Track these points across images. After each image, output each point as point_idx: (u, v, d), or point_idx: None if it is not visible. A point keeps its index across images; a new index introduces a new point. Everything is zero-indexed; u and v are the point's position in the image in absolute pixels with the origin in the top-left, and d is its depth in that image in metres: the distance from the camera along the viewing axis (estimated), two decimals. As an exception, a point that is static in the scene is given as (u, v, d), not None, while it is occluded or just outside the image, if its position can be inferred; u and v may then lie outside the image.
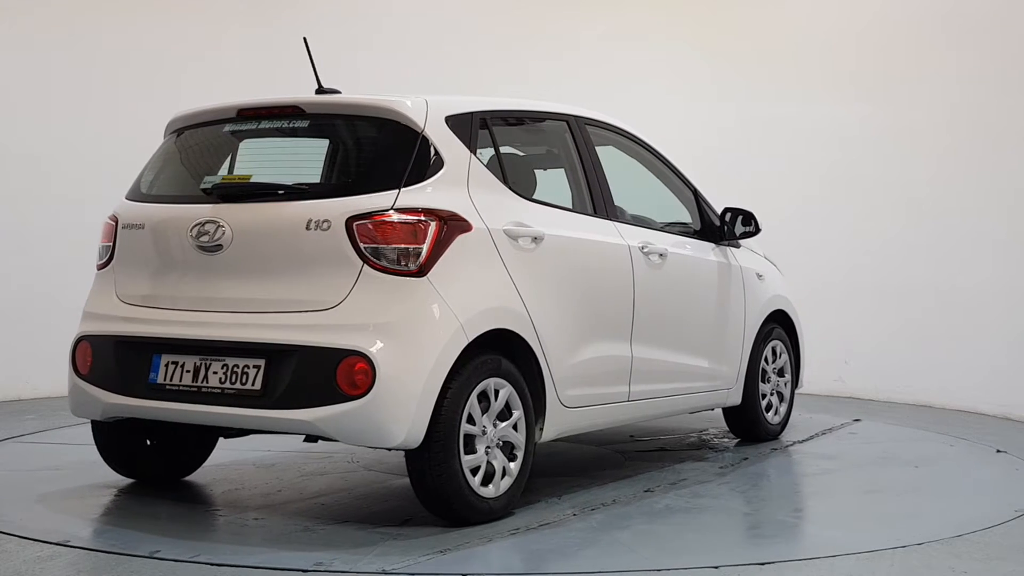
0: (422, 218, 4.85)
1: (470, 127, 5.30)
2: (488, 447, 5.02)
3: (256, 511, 5.29)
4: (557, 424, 5.47)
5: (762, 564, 4.49)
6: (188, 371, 5.04)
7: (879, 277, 9.33)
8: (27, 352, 8.20)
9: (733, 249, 6.92)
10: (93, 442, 5.68)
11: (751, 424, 7.12)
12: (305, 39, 5.49)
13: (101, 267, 5.49)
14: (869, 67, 9.61)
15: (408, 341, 4.75)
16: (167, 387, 5.07)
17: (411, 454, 4.86)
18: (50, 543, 4.61)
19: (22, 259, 8.79)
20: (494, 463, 5.05)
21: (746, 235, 6.80)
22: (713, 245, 6.75)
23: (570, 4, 10.49)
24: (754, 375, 6.99)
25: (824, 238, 9.30)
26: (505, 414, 5.13)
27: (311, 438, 5.00)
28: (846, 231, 9.52)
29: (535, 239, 5.33)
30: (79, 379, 5.35)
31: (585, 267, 5.64)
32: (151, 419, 5.21)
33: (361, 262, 4.80)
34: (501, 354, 5.13)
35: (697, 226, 6.75)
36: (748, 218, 6.75)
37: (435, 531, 4.86)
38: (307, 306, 4.87)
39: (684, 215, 6.79)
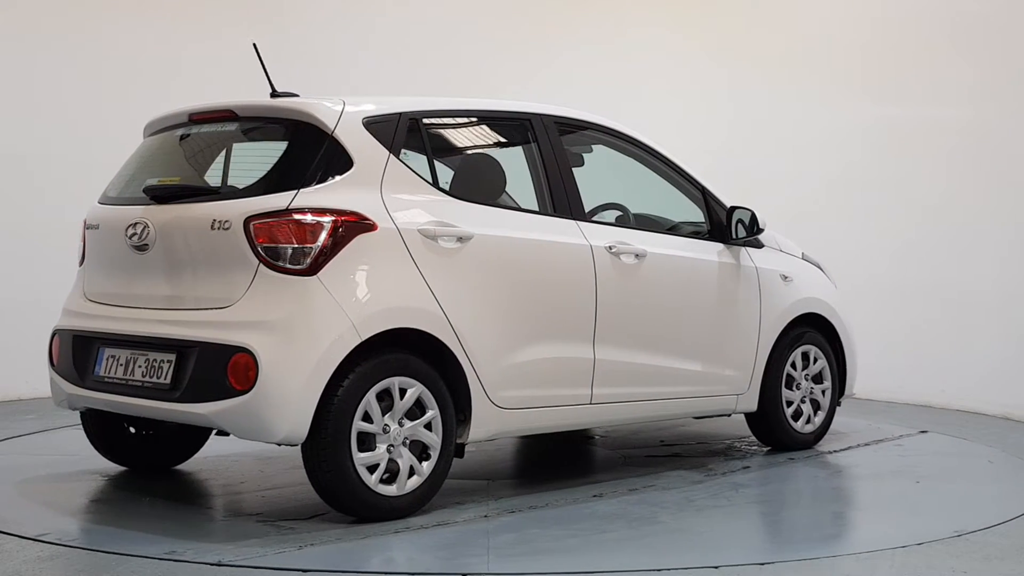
0: (315, 218, 4.93)
1: (394, 128, 5.33)
2: (391, 446, 5.04)
3: (190, 500, 5.49)
4: (489, 425, 5.42)
5: (762, 564, 4.44)
6: (121, 364, 5.30)
7: (880, 277, 9.09)
8: (26, 352, 7.83)
9: (751, 249, 6.64)
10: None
11: (774, 432, 6.80)
12: (255, 44, 5.64)
13: (80, 265, 5.84)
14: (876, 69, 9.56)
15: (293, 339, 4.84)
16: (106, 379, 5.35)
17: (304, 450, 4.95)
18: (50, 543, 4.65)
19: (21, 259, 8.81)
20: (399, 462, 5.07)
21: (752, 234, 6.51)
22: (722, 246, 6.50)
23: (573, 5, 10.57)
24: (775, 381, 6.69)
25: (826, 239, 8.99)
26: (417, 413, 5.14)
27: (223, 432, 5.15)
28: (848, 232, 9.31)
29: (460, 239, 5.31)
30: (52, 370, 5.71)
31: (527, 267, 5.56)
32: (96, 408, 5.51)
33: (257, 261, 4.93)
34: (416, 353, 5.15)
35: (708, 226, 6.53)
36: (751, 217, 6.48)
37: (326, 527, 4.93)
38: (211, 304, 5.04)
39: (699, 215, 6.58)
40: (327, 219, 4.94)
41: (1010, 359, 8.51)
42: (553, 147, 5.91)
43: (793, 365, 6.82)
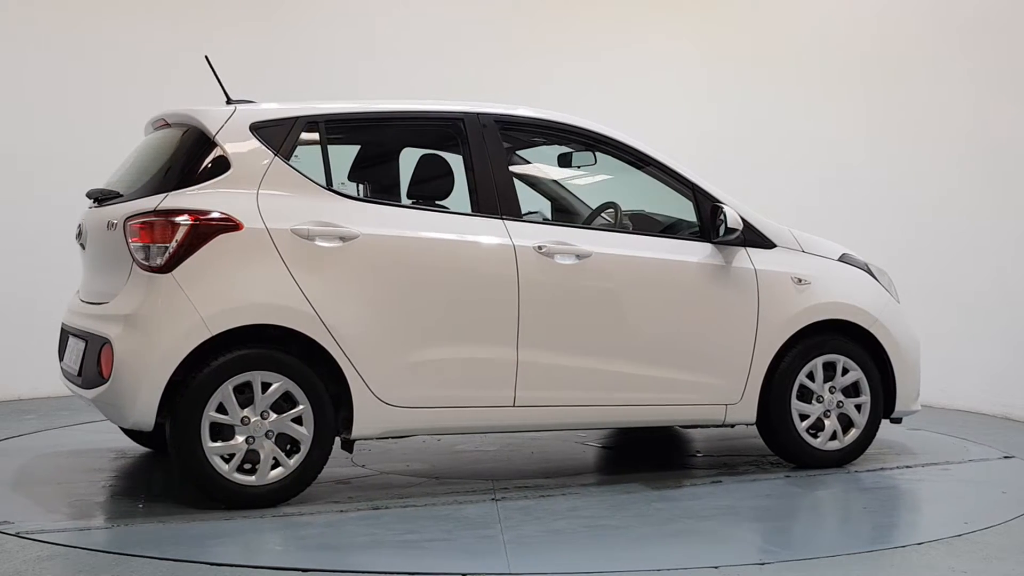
0: (172, 219, 5.23)
1: (286, 132, 5.53)
2: (252, 437, 5.25)
3: (144, 487, 5.96)
4: (378, 423, 5.48)
5: (762, 564, 4.45)
6: (69, 353, 5.89)
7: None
8: (27, 352, 8.11)
9: (754, 250, 6.19)
10: (92, 442, 6.58)
11: (784, 447, 6.30)
12: (207, 57, 6.02)
13: (93, 263, 6.49)
14: (879, 69, 9.50)
15: (144, 332, 5.19)
16: (64, 367, 5.96)
17: (167, 437, 5.28)
18: (50, 543, 4.70)
19: (21, 259, 8.87)
20: (260, 453, 5.27)
21: (726, 235, 6.07)
22: (711, 246, 6.13)
23: (571, 5, 10.48)
24: (782, 391, 6.20)
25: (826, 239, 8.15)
26: (285, 407, 5.31)
27: None
28: (847, 232, 8.50)
29: (343, 239, 5.42)
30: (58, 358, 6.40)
31: (424, 266, 5.56)
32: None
33: (131, 259, 5.32)
34: (287, 350, 5.33)
35: (700, 226, 6.18)
36: (728, 217, 6.05)
37: (176, 511, 5.21)
38: (105, 298, 5.51)
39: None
40: (184, 219, 5.23)
41: (1011, 359, 8.36)
42: (487, 146, 5.84)
43: (809, 376, 6.28)
